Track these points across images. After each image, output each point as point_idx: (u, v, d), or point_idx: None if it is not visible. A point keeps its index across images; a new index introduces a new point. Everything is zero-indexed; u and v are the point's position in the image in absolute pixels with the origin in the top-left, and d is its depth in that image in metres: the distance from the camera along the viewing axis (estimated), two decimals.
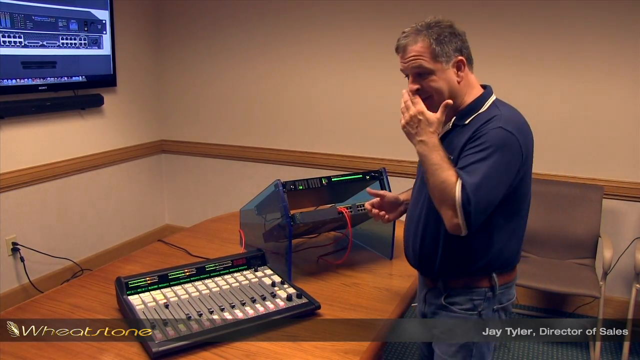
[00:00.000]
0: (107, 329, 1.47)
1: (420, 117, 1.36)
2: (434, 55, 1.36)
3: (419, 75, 1.39)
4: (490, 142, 1.30)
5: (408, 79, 1.42)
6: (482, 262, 1.40)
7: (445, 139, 1.40)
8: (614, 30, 2.80)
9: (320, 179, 1.90)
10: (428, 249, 1.45)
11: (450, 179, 1.29)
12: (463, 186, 1.28)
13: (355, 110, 3.43)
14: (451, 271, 1.44)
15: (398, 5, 3.15)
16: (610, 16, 2.80)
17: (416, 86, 1.39)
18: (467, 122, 1.39)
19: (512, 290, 1.48)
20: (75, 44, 3.10)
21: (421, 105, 1.37)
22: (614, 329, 1.42)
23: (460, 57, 1.38)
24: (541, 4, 2.91)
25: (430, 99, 1.39)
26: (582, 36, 2.87)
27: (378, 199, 1.65)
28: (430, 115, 1.36)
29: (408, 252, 1.56)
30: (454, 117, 1.42)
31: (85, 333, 1.44)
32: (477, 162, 1.30)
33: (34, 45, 2.88)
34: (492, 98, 1.42)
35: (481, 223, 1.31)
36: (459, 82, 1.39)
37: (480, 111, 1.39)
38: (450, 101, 1.37)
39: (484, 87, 1.45)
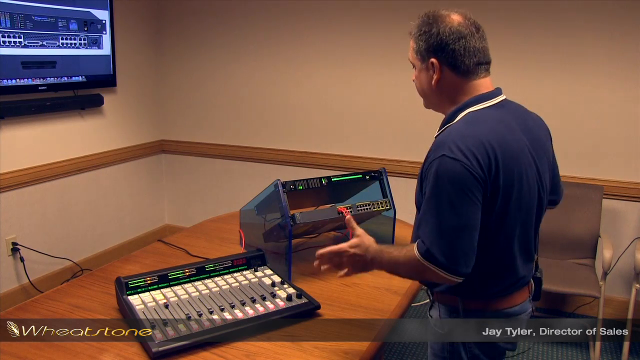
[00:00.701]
0: (107, 329, 1.47)
1: (345, 255, 1.33)
2: (414, 50, 1.31)
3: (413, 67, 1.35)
4: (435, 178, 1.17)
5: None
6: (449, 285, 1.27)
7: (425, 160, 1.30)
8: (614, 31, 2.81)
9: (320, 179, 1.90)
10: None
11: (408, 254, 1.22)
12: (418, 245, 1.20)
13: (355, 110, 3.43)
14: (431, 287, 1.40)
15: (398, 5, 3.15)
16: (611, 16, 2.80)
17: (413, 77, 1.36)
18: (438, 134, 1.29)
19: (503, 327, 1.30)
20: (75, 44, 3.10)
21: (334, 248, 1.34)
22: (614, 329, 1.40)
23: (433, 59, 1.26)
24: (541, 3, 2.91)
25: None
26: (582, 36, 2.87)
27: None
28: (344, 246, 1.33)
29: None
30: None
31: (85, 333, 1.44)
32: (426, 210, 1.19)
33: (33, 45, 2.88)
34: (472, 108, 1.26)
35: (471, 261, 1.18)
36: (434, 86, 1.28)
37: (452, 122, 1.26)
38: (349, 217, 1.36)
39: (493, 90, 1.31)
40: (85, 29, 3.14)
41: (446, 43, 1.24)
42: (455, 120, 1.25)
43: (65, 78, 3.09)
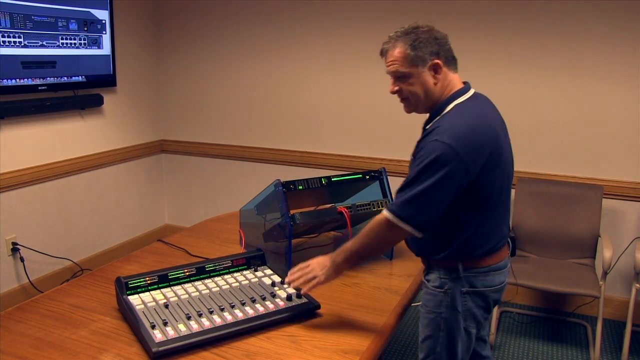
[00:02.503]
0: (107, 329, 1.47)
1: (308, 269, 1.53)
2: (409, 59, 1.45)
3: (397, 78, 1.50)
4: (425, 156, 1.38)
5: None
6: (447, 251, 1.51)
7: (418, 145, 1.50)
8: (614, 30, 2.81)
9: (320, 179, 1.90)
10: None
11: (373, 222, 1.46)
12: (388, 206, 1.43)
13: (355, 110, 3.43)
14: (427, 253, 1.59)
15: (398, 6, 3.15)
16: (611, 16, 2.80)
17: (396, 88, 1.51)
18: (428, 127, 1.49)
19: (493, 278, 1.54)
20: (75, 43, 3.10)
21: (298, 270, 1.54)
22: (614, 328, 1.45)
23: (436, 60, 1.45)
24: (540, 3, 2.91)
25: (407, 100, 1.52)
26: (582, 36, 2.87)
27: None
28: (305, 265, 1.54)
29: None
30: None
31: (85, 333, 1.45)
32: (410, 182, 1.40)
33: (33, 45, 2.88)
34: (457, 101, 1.48)
35: (437, 222, 1.43)
36: (435, 84, 1.47)
37: (441, 114, 1.47)
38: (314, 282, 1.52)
39: (464, 84, 1.54)
40: (85, 28, 3.14)
41: (442, 44, 1.47)
42: (446, 111, 1.46)
43: (65, 78, 3.09)
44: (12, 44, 2.77)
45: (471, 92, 1.52)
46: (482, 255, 1.51)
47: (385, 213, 1.43)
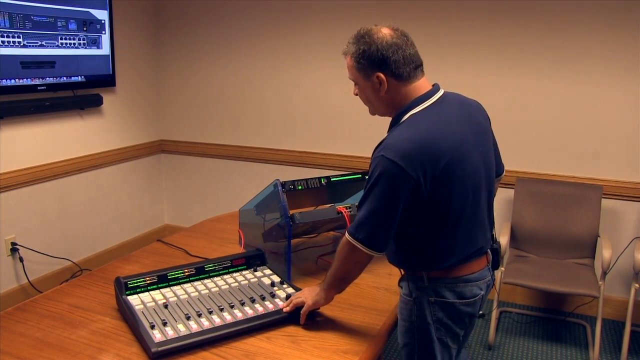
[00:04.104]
0: (106, 329, 1.47)
1: (299, 295, 1.55)
2: (355, 69, 1.43)
3: (354, 83, 1.48)
4: (372, 173, 1.36)
5: None
6: (412, 261, 1.49)
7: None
8: (613, 30, 2.81)
9: (320, 178, 1.90)
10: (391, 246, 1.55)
11: (340, 245, 1.46)
12: (348, 229, 1.42)
13: (355, 110, 3.42)
14: (396, 263, 1.56)
15: (398, 6, 3.15)
16: (610, 16, 2.80)
17: (355, 92, 1.51)
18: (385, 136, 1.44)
19: (463, 290, 1.46)
20: (74, 44, 3.10)
21: (293, 297, 1.56)
22: (613, 328, 1.44)
23: (378, 74, 1.39)
24: (540, 3, 2.91)
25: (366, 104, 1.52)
26: (581, 36, 2.87)
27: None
28: (299, 293, 1.58)
29: None
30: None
31: (85, 333, 1.45)
32: (362, 200, 1.39)
33: (33, 45, 2.88)
34: (413, 110, 1.41)
35: (397, 236, 1.42)
36: (383, 95, 1.43)
37: (398, 124, 1.43)
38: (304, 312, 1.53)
39: (432, 87, 1.46)
40: (85, 28, 3.14)
41: (387, 56, 1.37)
42: (400, 123, 1.42)
43: (65, 78, 3.09)
44: (12, 44, 2.77)
45: (436, 96, 1.43)
46: (449, 267, 1.45)
47: (346, 235, 1.42)
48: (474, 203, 1.44)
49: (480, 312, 1.58)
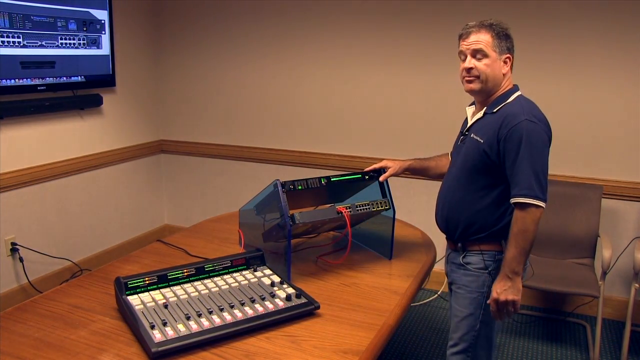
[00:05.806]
0: (106, 329, 1.47)
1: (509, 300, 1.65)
2: (492, 45, 1.65)
3: (476, 57, 1.66)
4: (521, 136, 1.57)
5: (463, 61, 1.69)
6: (493, 230, 1.68)
7: (477, 124, 1.72)
8: (613, 30, 2.81)
9: (320, 178, 1.90)
10: (453, 216, 1.75)
11: (516, 216, 1.59)
12: (520, 193, 1.57)
13: (355, 110, 3.43)
14: (469, 236, 1.72)
15: (398, 7, 3.15)
16: (610, 16, 2.80)
17: (471, 65, 1.66)
18: (495, 110, 1.67)
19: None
20: (74, 44, 3.10)
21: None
22: (613, 328, 1.47)
23: (509, 55, 1.68)
24: (540, 3, 2.91)
25: (477, 80, 1.67)
26: (581, 36, 2.87)
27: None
28: (513, 298, 1.64)
29: (437, 217, 1.85)
30: (485, 107, 1.72)
31: (85, 333, 1.45)
32: (519, 165, 1.56)
33: (32, 45, 2.88)
34: (518, 93, 1.71)
35: (497, 199, 1.66)
36: (503, 75, 1.68)
37: (507, 102, 1.67)
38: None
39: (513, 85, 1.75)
40: (85, 29, 3.14)
41: (513, 44, 1.70)
42: (511, 100, 1.67)
43: (65, 78, 3.09)
44: (11, 44, 2.77)
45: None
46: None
47: (525, 200, 1.55)
48: None
49: None
